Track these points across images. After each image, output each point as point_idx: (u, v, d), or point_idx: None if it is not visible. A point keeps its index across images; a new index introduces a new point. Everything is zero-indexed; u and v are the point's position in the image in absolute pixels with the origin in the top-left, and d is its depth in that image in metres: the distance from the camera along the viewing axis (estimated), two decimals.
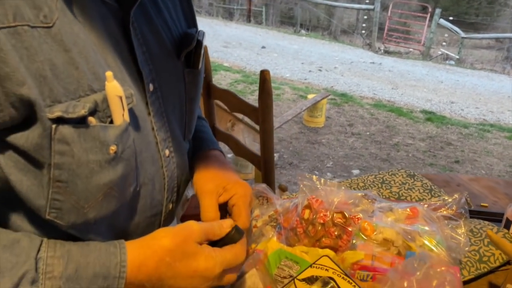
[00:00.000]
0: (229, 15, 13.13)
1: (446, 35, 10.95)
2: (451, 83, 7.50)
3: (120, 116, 0.49)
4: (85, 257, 0.49)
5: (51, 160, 0.45)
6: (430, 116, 5.50)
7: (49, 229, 0.50)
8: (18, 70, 0.41)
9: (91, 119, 0.47)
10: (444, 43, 10.83)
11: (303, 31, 12.12)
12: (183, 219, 1.12)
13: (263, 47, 8.89)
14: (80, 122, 0.46)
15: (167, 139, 0.63)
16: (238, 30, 10.65)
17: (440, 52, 10.18)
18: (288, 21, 13.75)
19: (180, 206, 1.20)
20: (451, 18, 10.56)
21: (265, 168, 1.17)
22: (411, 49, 10.39)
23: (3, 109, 0.42)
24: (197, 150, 0.77)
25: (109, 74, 0.48)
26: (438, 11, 9.67)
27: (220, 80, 6.24)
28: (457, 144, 4.68)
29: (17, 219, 0.51)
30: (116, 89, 0.48)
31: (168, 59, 0.62)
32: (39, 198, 0.47)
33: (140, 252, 0.52)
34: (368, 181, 0.99)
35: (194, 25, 0.71)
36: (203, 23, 10.80)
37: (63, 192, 0.47)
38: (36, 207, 0.47)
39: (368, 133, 4.77)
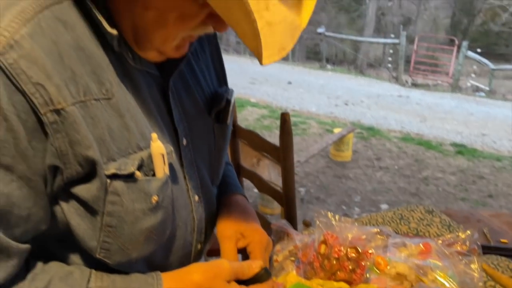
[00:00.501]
0: None
1: (474, 66, 10.83)
2: (482, 115, 7.36)
3: (162, 170, 0.58)
4: (127, 287, 0.57)
5: (105, 209, 0.54)
6: (461, 149, 5.40)
7: (97, 264, 0.58)
8: (86, 137, 0.50)
9: (138, 174, 0.55)
10: (473, 75, 10.70)
11: (329, 66, 12.28)
12: (209, 253, 1.18)
13: (289, 82, 9.05)
14: (129, 177, 0.55)
15: (196, 186, 0.71)
16: (265, 67, 10.85)
17: (469, 84, 10.05)
18: (314, 56, 13.99)
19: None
20: (479, 50, 10.47)
21: (286, 204, 1.22)
22: (439, 81, 10.32)
23: (71, 167, 0.51)
24: (221, 194, 0.85)
25: (154, 135, 0.57)
26: (465, 43, 9.63)
27: (247, 115, 6.37)
28: (490, 177, 4.56)
29: (71, 255, 0.60)
30: (160, 148, 0.57)
31: (200, 116, 0.71)
32: (92, 240, 0.55)
33: (173, 285, 0.59)
34: (387, 217, 1.02)
35: (225, 83, 0.80)
36: (231, 60, 11.15)
37: (112, 235, 0.56)
38: (89, 247, 0.56)
39: (396, 167, 4.72)
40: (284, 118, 1.06)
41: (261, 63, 0.50)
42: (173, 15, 0.52)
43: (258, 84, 8.71)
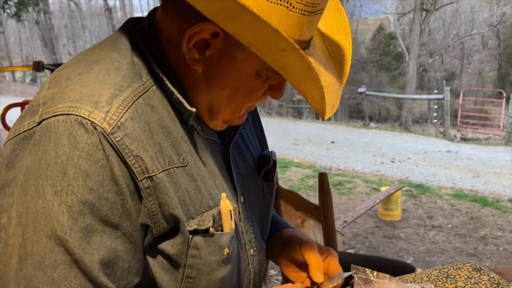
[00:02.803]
0: (298, 114, 13.78)
1: None
2: None
3: (229, 225, 0.66)
4: None
5: (186, 261, 0.63)
6: None
7: None
8: (173, 199, 0.59)
9: (211, 229, 0.64)
10: None
11: (372, 124, 12.24)
12: None
13: (333, 142, 9.07)
14: (206, 231, 0.63)
15: (251, 240, 0.78)
16: (307, 128, 11.06)
17: None
18: (356, 115, 14.04)
19: None
20: None
21: None
22: (490, 135, 9.93)
23: (160, 225, 0.60)
24: (274, 231, 0.91)
25: (224, 195, 0.66)
26: None
27: (291, 176, 6.39)
28: None
29: None
30: (228, 205, 0.66)
31: (251, 176, 0.81)
32: None
33: None
34: (433, 275, 1.00)
35: (266, 146, 0.90)
36: (274, 123, 11.42)
37: (191, 286, 0.65)
38: None
39: (450, 225, 4.49)
40: (322, 178, 1.10)
41: (323, 119, 0.62)
42: (242, 91, 0.63)
43: (301, 145, 8.80)
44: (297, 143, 8.93)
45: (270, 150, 0.88)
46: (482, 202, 5.15)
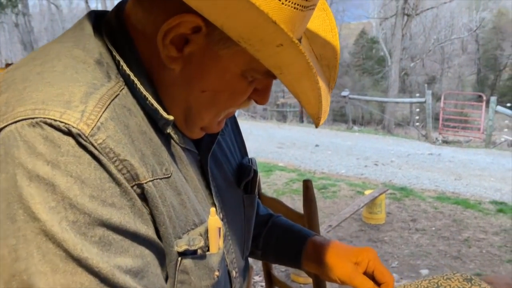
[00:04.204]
0: (282, 118, 13.79)
1: (506, 121, 10.60)
2: None
3: (217, 244, 0.59)
4: None
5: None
6: (502, 207, 5.12)
7: None
8: (162, 213, 0.52)
9: (199, 251, 0.57)
10: (505, 129, 10.44)
11: (355, 127, 12.32)
12: None
13: (317, 145, 9.08)
14: (194, 253, 0.56)
15: (233, 260, 0.71)
16: (292, 131, 11.06)
17: (503, 139, 9.77)
18: (340, 118, 14.13)
19: None
20: (508, 104, 10.31)
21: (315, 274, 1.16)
22: (471, 138, 10.10)
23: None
24: (298, 242, 0.86)
25: (213, 210, 0.59)
26: (493, 98, 9.52)
27: (276, 180, 6.35)
28: None
29: None
30: (217, 222, 0.59)
31: (230, 189, 0.73)
32: None
33: None
34: (422, 286, 0.96)
35: (246, 153, 0.83)
36: (258, 126, 11.39)
37: None
38: None
39: (433, 228, 4.50)
40: (306, 185, 1.05)
41: (317, 125, 0.57)
42: (225, 94, 0.57)
43: (286, 148, 8.77)
44: (281, 147, 8.91)
45: (250, 157, 0.81)
46: (464, 205, 5.20)
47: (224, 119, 0.64)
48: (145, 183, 0.50)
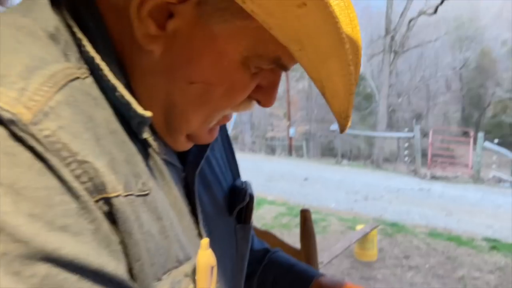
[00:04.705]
0: (271, 151, 13.73)
1: (494, 157, 10.68)
2: (511, 206, 7.00)
3: (207, 287, 0.44)
4: None
5: None
6: (495, 244, 5.01)
7: None
8: (138, 243, 0.37)
9: None
10: (493, 166, 10.50)
11: (344, 161, 12.29)
12: None
13: (306, 179, 8.97)
14: None
15: None
16: (280, 164, 10.95)
17: (491, 175, 9.80)
18: (328, 152, 14.12)
19: None
20: (496, 140, 10.43)
21: None
22: (459, 173, 10.11)
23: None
24: (301, 284, 0.70)
25: (205, 241, 0.43)
26: (481, 134, 9.62)
27: (265, 214, 6.18)
28: None
29: None
30: (210, 258, 0.43)
31: (220, 216, 0.59)
32: None
33: None
34: None
35: (238, 175, 0.69)
36: (247, 159, 11.27)
37: None
38: None
39: (427, 265, 4.35)
40: (305, 216, 0.93)
41: (344, 128, 0.43)
42: (220, 88, 0.43)
43: (275, 182, 8.64)
44: (270, 180, 8.77)
45: (244, 180, 0.67)
46: (457, 241, 5.08)
47: (217, 127, 0.50)
48: (115, 197, 0.36)
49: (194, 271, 0.43)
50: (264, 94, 0.46)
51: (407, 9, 14.08)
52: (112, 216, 0.36)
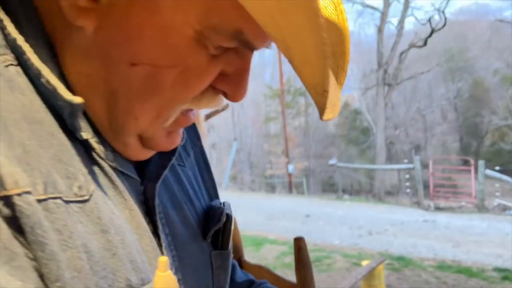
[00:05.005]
0: (271, 189, 13.59)
1: (497, 185, 10.56)
2: None
3: None
4: None
5: None
6: (506, 274, 4.82)
7: None
8: (58, 259, 0.30)
9: None
10: (497, 193, 10.36)
11: (346, 196, 12.14)
12: None
13: (308, 215, 8.81)
14: None
15: None
16: (281, 202, 10.79)
17: (496, 203, 9.65)
18: (329, 188, 13.99)
19: None
20: (497, 168, 10.35)
21: None
22: (463, 203, 9.95)
23: None
24: None
25: (163, 260, 0.34)
26: (482, 162, 9.54)
27: (266, 254, 6.00)
28: None
29: None
30: (170, 281, 0.34)
31: (192, 241, 0.50)
32: None
33: None
34: None
35: (217, 196, 0.61)
36: (246, 198, 11.12)
37: None
38: None
39: None
40: (299, 245, 0.84)
41: (323, 112, 0.34)
42: (172, 72, 0.36)
43: (276, 220, 8.47)
44: (271, 219, 8.60)
45: (223, 201, 0.58)
46: (467, 273, 4.90)
47: (179, 131, 0.43)
48: (17, 195, 0.28)
49: None
50: (230, 84, 0.39)
51: (398, 43, 14.42)
52: (16, 221, 0.28)
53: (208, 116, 2.89)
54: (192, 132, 0.59)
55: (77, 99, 0.33)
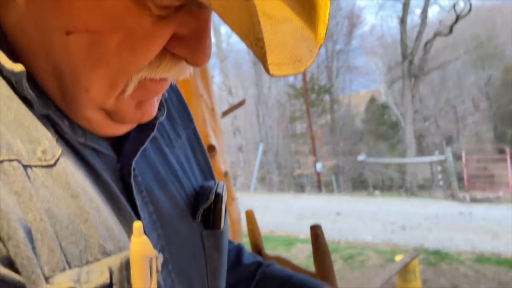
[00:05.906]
0: (300, 188, 13.49)
1: None
2: None
3: (143, 285, 0.33)
4: None
5: None
6: None
7: None
8: (6, 218, 0.29)
9: None
10: None
11: (377, 192, 11.90)
12: None
13: (338, 213, 8.69)
14: None
15: None
16: (311, 201, 10.70)
17: None
18: (359, 185, 13.76)
19: None
20: None
21: None
22: (500, 193, 9.57)
23: None
24: None
25: (137, 225, 0.33)
26: None
27: (298, 253, 5.96)
28: None
29: None
30: (145, 246, 0.33)
31: (181, 220, 0.49)
32: None
33: None
34: None
35: (212, 177, 0.59)
36: (275, 199, 11.08)
37: None
38: None
39: None
40: (315, 233, 0.82)
41: (268, 71, 0.31)
42: (113, 38, 0.34)
43: (306, 219, 8.39)
44: (301, 218, 8.53)
45: (219, 182, 0.57)
46: (508, 265, 4.70)
47: (152, 102, 0.41)
48: None
49: (127, 265, 0.34)
50: (187, 47, 0.36)
51: (422, 33, 14.06)
52: None
53: (224, 113, 2.89)
54: (184, 114, 0.58)
55: (18, 67, 0.33)
